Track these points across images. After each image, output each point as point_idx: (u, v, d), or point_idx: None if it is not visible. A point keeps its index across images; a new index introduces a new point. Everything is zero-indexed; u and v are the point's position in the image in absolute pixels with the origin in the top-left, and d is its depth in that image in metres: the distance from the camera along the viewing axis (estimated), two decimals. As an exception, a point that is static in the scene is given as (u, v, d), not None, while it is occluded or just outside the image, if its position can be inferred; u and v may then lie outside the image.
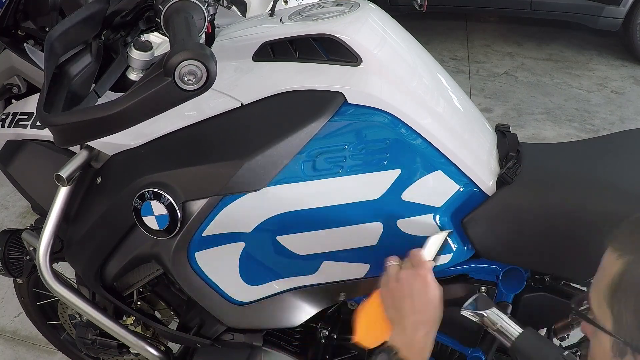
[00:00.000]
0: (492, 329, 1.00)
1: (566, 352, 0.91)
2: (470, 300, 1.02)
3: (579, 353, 0.91)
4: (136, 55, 1.10)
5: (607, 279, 0.68)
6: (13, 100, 1.28)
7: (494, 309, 1.00)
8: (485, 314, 1.00)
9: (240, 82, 1.06)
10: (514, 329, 0.98)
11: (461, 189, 1.03)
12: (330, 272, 1.04)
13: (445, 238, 1.01)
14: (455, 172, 1.03)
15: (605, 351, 0.69)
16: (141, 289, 1.33)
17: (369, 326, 0.98)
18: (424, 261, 0.93)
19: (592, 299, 0.71)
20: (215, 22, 1.20)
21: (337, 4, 1.15)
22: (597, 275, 0.72)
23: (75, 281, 1.34)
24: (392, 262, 0.96)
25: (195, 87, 0.81)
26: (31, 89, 1.24)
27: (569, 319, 1.09)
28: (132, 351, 1.39)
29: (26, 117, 1.19)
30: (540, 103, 3.61)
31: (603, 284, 0.69)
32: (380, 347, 0.91)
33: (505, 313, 1.01)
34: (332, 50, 1.02)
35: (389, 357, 0.89)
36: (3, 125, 1.22)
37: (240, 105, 1.01)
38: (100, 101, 1.06)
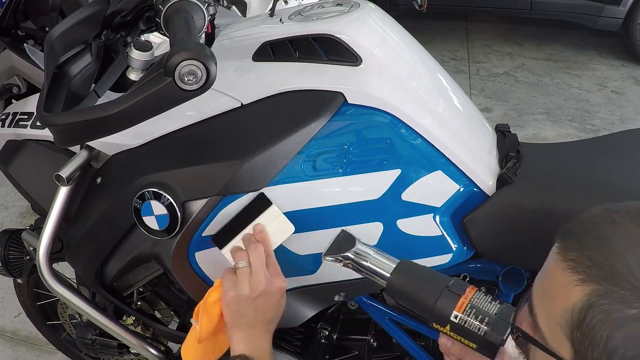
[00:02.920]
0: (363, 272, 0.82)
1: (452, 281, 0.76)
2: (330, 242, 0.85)
3: (467, 279, 0.79)
4: (136, 55, 1.10)
5: (566, 305, 0.54)
6: (13, 100, 1.28)
7: (359, 245, 0.83)
8: (350, 254, 0.82)
9: (240, 82, 1.06)
10: (388, 263, 0.81)
11: (461, 189, 1.03)
12: (330, 272, 1.04)
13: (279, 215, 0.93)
14: (455, 172, 1.03)
15: None
16: (141, 289, 1.33)
17: (214, 328, 0.94)
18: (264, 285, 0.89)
19: (540, 317, 0.59)
20: (215, 22, 1.20)
21: (337, 4, 1.15)
22: (546, 286, 0.58)
23: (75, 281, 1.34)
24: (225, 277, 0.92)
25: (195, 87, 0.81)
26: (31, 89, 1.24)
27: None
28: (132, 351, 1.40)
29: (26, 117, 1.19)
30: (540, 103, 3.61)
31: (558, 308, 0.56)
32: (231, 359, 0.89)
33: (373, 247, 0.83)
34: (332, 50, 1.02)
35: None
36: (3, 125, 1.22)
37: (240, 105, 1.01)
38: (100, 101, 1.06)
